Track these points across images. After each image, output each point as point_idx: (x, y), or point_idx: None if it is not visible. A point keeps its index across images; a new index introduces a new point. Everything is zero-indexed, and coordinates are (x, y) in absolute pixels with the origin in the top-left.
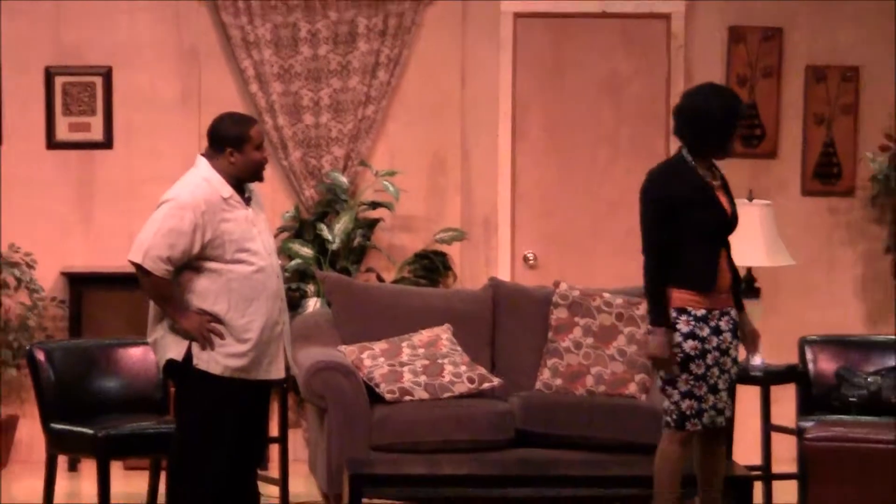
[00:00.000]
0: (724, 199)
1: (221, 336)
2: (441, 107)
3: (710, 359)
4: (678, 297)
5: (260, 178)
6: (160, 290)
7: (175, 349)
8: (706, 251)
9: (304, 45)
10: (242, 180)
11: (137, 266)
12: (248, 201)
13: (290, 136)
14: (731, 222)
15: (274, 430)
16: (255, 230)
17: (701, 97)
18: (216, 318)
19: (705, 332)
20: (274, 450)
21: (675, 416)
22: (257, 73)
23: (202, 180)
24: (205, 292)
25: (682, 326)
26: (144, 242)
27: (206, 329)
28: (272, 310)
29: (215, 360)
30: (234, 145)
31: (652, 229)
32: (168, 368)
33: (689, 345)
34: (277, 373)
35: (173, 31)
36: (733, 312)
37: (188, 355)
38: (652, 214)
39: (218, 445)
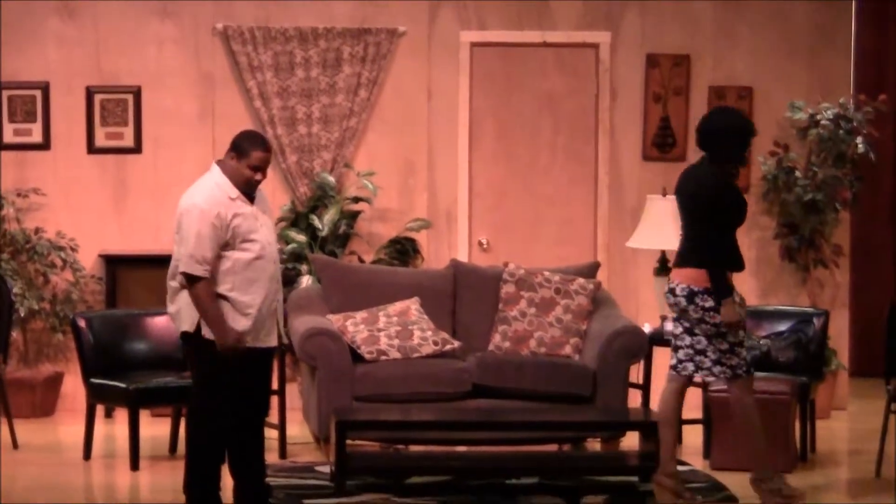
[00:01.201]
0: None
1: (245, 344)
2: (411, 119)
3: None
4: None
5: (248, 191)
6: (205, 296)
7: (188, 322)
8: (736, 241)
9: (298, 68)
10: (242, 189)
11: (188, 276)
12: (252, 200)
13: (287, 143)
14: None
15: (274, 384)
16: (258, 223)
17: (738, 117)
18: (223, 297)
19: None
20: (274, 401)
21: (745, 368)
22: (260, 92)
23: (214, 185)
24: (215, 274)
25: (735, 296)
26: (187, 253)
27: (235, 349)
28: (270, 290)
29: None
30: (236, 153)
31: (720, 226)
32: (184, 337)
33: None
34: (272, 341)
35: (192, 58)
36: None
37: (199, 327)
38: (722, 215)
39: (222, 398)
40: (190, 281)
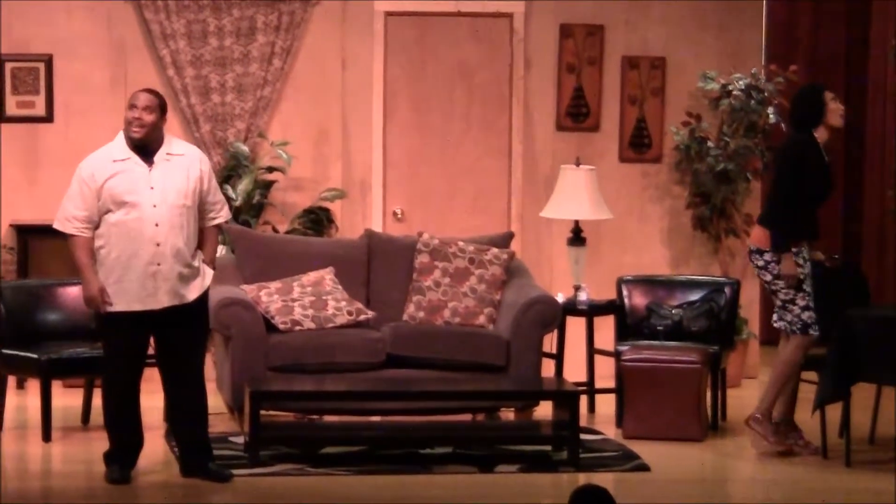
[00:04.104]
0: None
1: (110, 304)
2: (325, 89)
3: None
4: None
5: (130, 133)
6: (75, 250)
7: None
8: (811, 208)
9: (212, 37)
10: (127, 136)
11: (61, 232)
12: (152, 163)
13: (200, 113)
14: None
15: None
16: (148, 187)
17: (803, 86)
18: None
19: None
20: None
21: (799, 325)
22: (173, 61)
23: (104, 148)
24: (96, 235)
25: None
26: (59, 210)
27: (98, 302)
28: (146, 252)
29: None
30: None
31: (788, 190)
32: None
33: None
34: (154, 304)
35: (104, 26)
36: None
37: None
38: (790, 180)
39: (112, 365)
40: (66, 237)
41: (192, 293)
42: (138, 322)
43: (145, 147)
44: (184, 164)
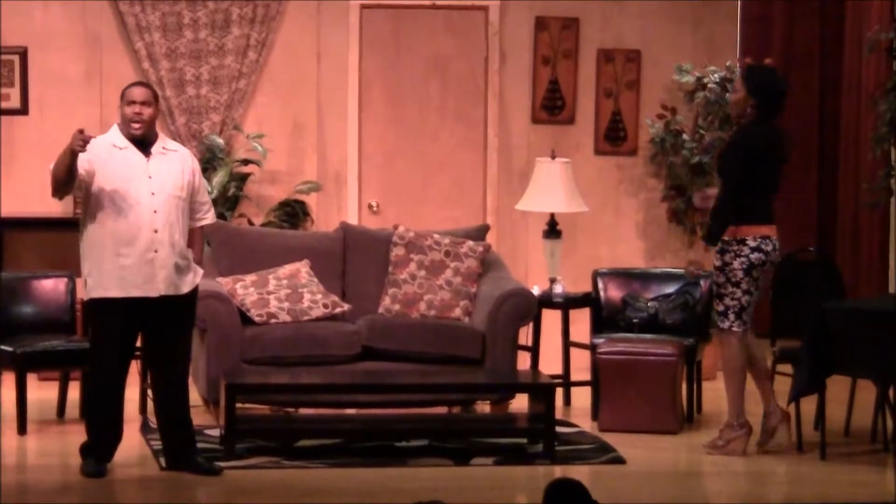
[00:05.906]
0: None
1: (87, 138)
2: (300, 82)
3: None
4: None
5: (131, 130)
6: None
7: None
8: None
9: (187, 29)
10: (128, 132)
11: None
12: (149, 154)
13: (175, 105)
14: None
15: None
16: (146, 175)
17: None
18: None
19: None
20: None
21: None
22: (149, 53)
23: (101, 136)
24: (96, 222)
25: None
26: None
27: (79, 136)
28: (144, 238)
29: (89, 290)
30: (120, 104)
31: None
32: (85, 307)
33: None
34: (152, 291)
35: (79, 19)
36: None
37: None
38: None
39: (100, 353)
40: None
41: (185, 286)
42: (131, 312)
43: (143, 139)
44: (178, 159)
